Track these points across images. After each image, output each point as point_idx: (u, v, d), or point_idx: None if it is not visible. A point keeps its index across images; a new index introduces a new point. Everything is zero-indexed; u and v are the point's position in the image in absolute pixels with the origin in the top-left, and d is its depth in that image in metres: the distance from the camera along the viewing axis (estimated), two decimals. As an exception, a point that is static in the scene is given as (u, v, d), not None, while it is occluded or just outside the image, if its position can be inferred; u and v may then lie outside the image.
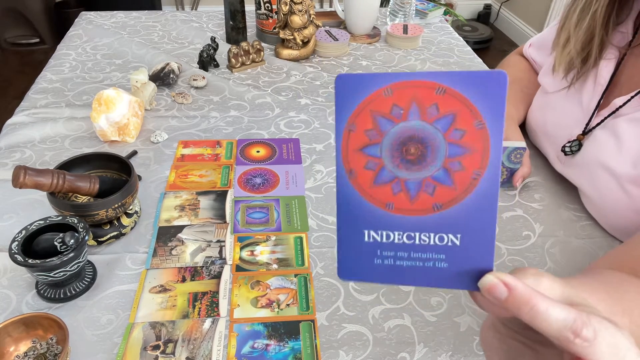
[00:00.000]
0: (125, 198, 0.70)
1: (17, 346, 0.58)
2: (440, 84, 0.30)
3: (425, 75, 0.31)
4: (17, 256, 0.60)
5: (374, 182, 0.33)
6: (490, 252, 0.32)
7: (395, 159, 0.32)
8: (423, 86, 0.31)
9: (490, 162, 0.31)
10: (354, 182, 0.33)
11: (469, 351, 0.60)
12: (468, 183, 0.31)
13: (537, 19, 3.21)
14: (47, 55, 1.33)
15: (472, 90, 0.30)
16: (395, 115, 0.31)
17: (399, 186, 0.32)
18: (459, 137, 0.31)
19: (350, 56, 1.29)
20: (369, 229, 0.33)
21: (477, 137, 0.31)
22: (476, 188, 0.31)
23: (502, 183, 0.84)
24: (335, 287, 0.68)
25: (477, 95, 0.30)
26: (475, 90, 0.30)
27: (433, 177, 0.32)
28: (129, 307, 0.64)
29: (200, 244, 0.73)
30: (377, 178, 0.33)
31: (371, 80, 0.32)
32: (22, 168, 0.65)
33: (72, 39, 1.32)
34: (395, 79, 0.31)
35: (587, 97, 0.80)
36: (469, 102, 0.30)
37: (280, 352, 0.60)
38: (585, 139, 0.79)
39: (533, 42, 1.03)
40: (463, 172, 0.31)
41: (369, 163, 0.33)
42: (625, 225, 0.72)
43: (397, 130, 0.32)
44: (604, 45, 0.78)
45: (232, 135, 0.97)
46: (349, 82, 0.32)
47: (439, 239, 0.32)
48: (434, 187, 0.32)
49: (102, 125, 0.90)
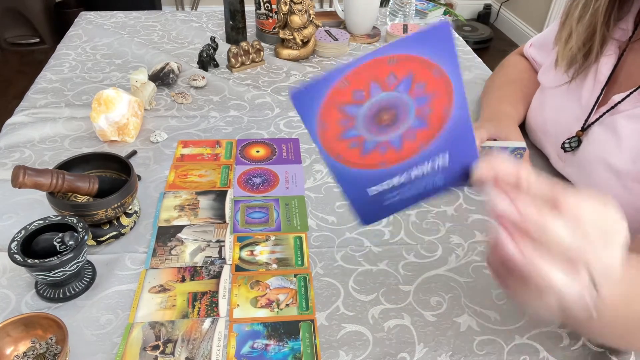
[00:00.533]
0: (125, 198, 0.70)
1: (17, 346, 0.58)
2: (389, 55, 0.33)
3: (374, 53, 0.33)
4: (17, 256, 0.60)
5: (361, 154, 0.37)
6: (474, 149, 0.37)
7: (373, 130, 0.36)
8: (375, 64, 0.33)
9: (455, 93, 0.35)
10: (345, 162, 0.36)
11: (469, 351, 0.60)
12: (441, 118, 0.36)
13: (537, 19, 3.21)
14: (47, 55, 1.33)
15: (421, 48, 0.33)
16: (359, 98, 0.34)
17: (385, 147, 0.36)
18: (423, 89, 0.35)
19: (350, 56, 1.29)
20: (371, 187, 0.38)
21: (439, 82, 0.34)
22: (450, 117, 0.36)
23: None
24: (335, 287, 0.68)
25: (427, 49, 0.33)
26: (423, 46, 0.33)
27: (411, 127, 0.36)
28: (129, 307, 0.64)
29: (200, 244, 0.73)
30: (363, 151, 0.37)
31: (323, 82, 0.34)
32: (21, 168, 0.65)
33: (72, 39, 1.32)
34: (347, 68, 0.33)
35: (587, 93, 0.80)
36: (422, 58, 0.33)
37: (280, 352, 0.60)
38: (584, 135, 0.79)
39: (534, 42, 1.03)
40: (434, 112, 0.36)
41: (352, 143, 0.36)
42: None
43: (366, 108, 0.35)
44: (605, 41, 0.78)
45: (231, 135, 0.97)
46: (303, 94, 0.34)
47: (431, 167, 0.38)
48: (415, 134, 0.36)
49: (101, 125, 0.90)
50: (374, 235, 0.76)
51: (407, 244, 0.75)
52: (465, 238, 0.76)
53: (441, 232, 0.77)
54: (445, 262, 0.72)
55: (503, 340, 0.62)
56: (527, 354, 0.60)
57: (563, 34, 0.81)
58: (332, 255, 0.72)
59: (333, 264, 0.71)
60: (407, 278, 0.69)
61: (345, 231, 0.77)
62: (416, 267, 0.71)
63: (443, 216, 0.80)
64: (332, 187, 0.85)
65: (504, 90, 0.97)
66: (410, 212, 0.80)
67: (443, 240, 0.76)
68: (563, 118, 0.83)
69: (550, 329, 0.63)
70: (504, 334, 0.63)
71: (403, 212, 0.80)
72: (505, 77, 1.02)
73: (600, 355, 0.60)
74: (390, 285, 0.68)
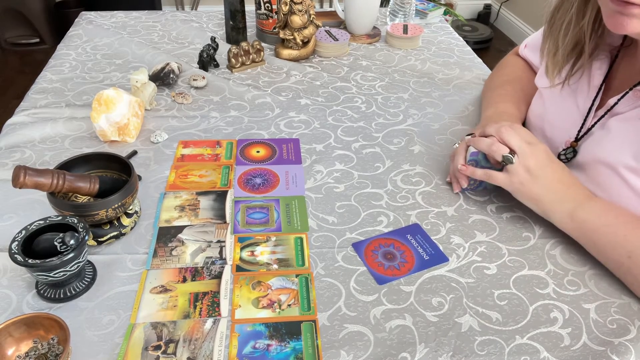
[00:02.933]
0: (125, 198, 0.70)
1: (19, 346, 0.58)
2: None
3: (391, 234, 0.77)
4: (17, 256, 0.60)
5: (384, 269, 0.71)
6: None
7: (385, 260, 0.72)
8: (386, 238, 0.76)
9: (414, 254, 0.73)
10: (376, 271, 0.71)
11: (470, 351, 0.60)
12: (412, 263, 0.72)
13: (537, 19, 3.21)
14: (47, 55, 1.33)
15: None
16: (378, 249, 0.74)
17: (392, 268, 0.71)
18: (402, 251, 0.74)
19: (350, 56, 1.29)
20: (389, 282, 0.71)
21: (407, 248, 0.74)
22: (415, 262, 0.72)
23: None
24: (337, 288, 0.68)
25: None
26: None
27: (400, 261, 0.72)
28: (130, 307, 0.64)
29: (201, 245, 0.73)
30: (384, 268, 0.72)
31: (367, 240, 0.75)
32: (22, 168, 0.65)
33: (72, 39, 1.32)
34: (375, 237, 0.76)
35: (582, 99, 0.80)
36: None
37: (282, 352, 0.60)
38: (580, 144, 0.79)
39: (528, 43, 1.03)
40: (407, 258, 0.73)
41: (378, 265, 0.72)
42: None
43: (381, 253, 0.74)
44: (596, 47, 0.78)
45: (232, 135, 0.97)
46: (358, 244, 0.74)
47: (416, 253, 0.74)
48: (402, 263, 0.72)
49: (102, 125, 0.90)
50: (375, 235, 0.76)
51: (408, 244, 0.75)
52: (465, 238, 0.76)
53: (442, 233, 0.77)
54: (446, 263, 0.72)
55: (504, 341, 0.62)
56: (528, 354, 0.60)
57: (549, 47, 0.80)
58: (333, 256, 0.73)
59: (334, 264, 0.71)
60: (408, 278, 0.69)
61: (346, 231, 0.77)
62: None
63: (443, 216, 0.80)
64: (332, 188, 0.85)
65: (505, 89, 0.97)
66: (410, 212, 0.80)
67: (443, 240, 0.76)
68: (561, 123, 0.83)
69: (551, 329, 0.63)
70: (505, 334, 0.63)
71: (404, 212, 0.80)
72: (505, 76, 1.02)
73: (600, 355, 0.60)
74: (392, 285, 0.68)
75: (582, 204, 0.71)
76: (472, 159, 0.80)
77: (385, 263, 0.71)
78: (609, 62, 0.79)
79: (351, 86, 1.16)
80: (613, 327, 0.64)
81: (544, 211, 0.74)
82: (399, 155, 0.93)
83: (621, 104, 0.74)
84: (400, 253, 0.72)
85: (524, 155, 0.73)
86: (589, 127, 0.78)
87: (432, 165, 0.91)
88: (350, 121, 1.03)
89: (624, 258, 0.66)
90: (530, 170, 0.72)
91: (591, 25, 0.74)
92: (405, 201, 0.83)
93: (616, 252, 0.67)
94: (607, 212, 0.70)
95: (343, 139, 0.97)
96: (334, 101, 1.09)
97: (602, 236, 0.69)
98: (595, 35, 0.76)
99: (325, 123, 1.02)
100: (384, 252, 0.73)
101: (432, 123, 1.03)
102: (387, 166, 0.90)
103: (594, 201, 0.71)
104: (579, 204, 0.71)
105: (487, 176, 0.76)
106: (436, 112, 1.07)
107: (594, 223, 0.69)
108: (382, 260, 0.71)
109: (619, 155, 0.72)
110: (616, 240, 0.67)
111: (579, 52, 0.78)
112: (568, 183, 0.73)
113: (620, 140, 0.73)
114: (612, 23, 0.65)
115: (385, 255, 0.72)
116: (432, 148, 0.95)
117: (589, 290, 0.69)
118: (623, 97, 0.73)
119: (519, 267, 0.72)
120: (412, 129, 1.01)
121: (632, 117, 0.72)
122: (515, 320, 0.64)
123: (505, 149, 0.74)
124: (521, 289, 0.68)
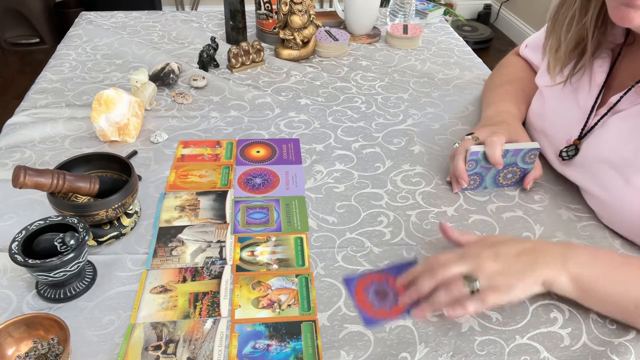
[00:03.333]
0: (125, 198, 0.70)
1: (19, 346, 0.58)
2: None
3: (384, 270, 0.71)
4: (17, 256, 0.60)
5: (374, 309, 0.66)
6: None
7: (376, 300, 0.67)
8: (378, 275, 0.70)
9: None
10: (366, 313, 0.66)
11: (470, 351, 0.60)
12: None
13: (537, 19, 3.21)
14: (47, 55, 1.33)
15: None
16: (371, 286, 0.69)
17: (383, 308, 0.66)
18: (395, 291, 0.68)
19: (350, 56, 1.29)
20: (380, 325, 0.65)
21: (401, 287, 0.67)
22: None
23: (514, 182, 0.85)
24: (337, 288, 0.68)
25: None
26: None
27: (391, 302, 0.66)
28: (130, 307, 0.64)
29: (201, 245, 0.73)
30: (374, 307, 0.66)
31: (360, 275, 0.70)
32: (22, 168, 0.65)
33: (72, 39, 1.32)
34: (366, 273, 0.71)
35: (584, 97, 0.80)
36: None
37: (282, 352, 0.60)
38: (582, 142, 0.79)
39: (529, 43, 1.03)
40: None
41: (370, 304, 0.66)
42: (631, 220, 0.72)
43: (373, 289, 0.68)
44: (600, 44, 0.78)
45: (232, 135, 0.97)
46: (348, 279, 0.70)
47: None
48: (393, 306, 0.66)
49: (102, 125, 0.90)
50: (375, 235, 0.76)
51: (408, 245, 0.75)
52: (466, 238, 0.76)
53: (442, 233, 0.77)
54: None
55: (504, 341, 0.62)
56: (528, 354, 0.60)
57: (552, 43, 0.80)
58: (333, 256, 0.73)
59: (334, 264, 0.71)
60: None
61: (346, 231, 0.77)
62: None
63: (443, 217, 0.80)
64: (332, 188, 0.85)
65: (505, 89, 0.97)
66: (410, 212, 0.80)
67: (444, 240, 0.75)
68: (562, 122, 0.83)
69: (551, 329, 0.63)
70: (505, 334, 0.63)
71: (404, 212, 0.80)
72: (505, 76, 1.02)
73: (600, 355, 0.60)
74: (391, 285, 0.68)
75: (564, 254, 0.63)
76: (472, 158, 0.80)
77: (377, 302, 0.66)
78: (611, 61, 0.79)
79: (351, 86, 1.15)
80: (613, 327, 0.64)
81: (542, 283, 0.62)
82: (399, 155, 0.93)
83: (623, 102, 0.74)
84: (394, 292, 0.67)
85: (480, 267, 0.62)
86: (591, 126, 0.78)
87: (432, 165, 0.91)
88: (350, 121, 1.03)
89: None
90: (495, 273, 0.61)
91: (594, 22, 0.74)
92: (405, 201, 0.83)
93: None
94: (596, 259, 0.63)
95: (343, 139, 0.97)
96: (334, 101, 1.09)
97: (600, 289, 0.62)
98: (598, 32, 0.76)
99: (325, 123, 1.02)
100: (376, 289, 0.67)
101: (432, 123, 1.03)
102: (387, 166, 0.90)
103: (574, 247, 0.65)
104: (562, 255, 0.63)
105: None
106: (436, 112, 1.07)
107: (589, 276, 0.62)
108: (374, 299, 0.66)
109: (621, 153, 0.72)
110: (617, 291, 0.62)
111: (582, 51, 0.78)
112: (533, 248, 0.64)
113: (622, 138, 0.73)
114: (617, 15, 0.65)
115: (378, 293, 0.67)
116: (432, 148, 0.95)
117: (589, 290, 0.69)
118: (625, 94, 0.73)
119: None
120: (412, 129, 1.01)
121: (633, 114, 0.72)
122: (515, 320, 0.64)
123: (463, 269, 0.62)
124: (521, 289, 0.68)
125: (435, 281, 0.62)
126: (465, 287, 0.60)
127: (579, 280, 0.61)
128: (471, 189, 0.85)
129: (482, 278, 0.60)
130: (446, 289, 0.61)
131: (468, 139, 0.82)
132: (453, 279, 0.61)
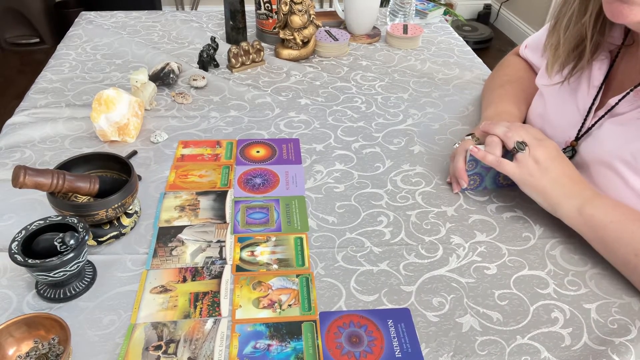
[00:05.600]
0: (125, 198, 0.70)
1: (19, 346, 0.58)
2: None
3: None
4: (17, 256, 0.60)
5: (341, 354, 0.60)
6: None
7: (348, 344, 0.61)
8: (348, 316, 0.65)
9: (385, 346, 0.61)
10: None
11: (470, 351, 0.60)
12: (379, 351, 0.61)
13: (537, 19, 3.21)
14: (47, 55, 1.33)
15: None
16: (343, 327, 0.63)
17: (351, 355, 0.60)
18: (372, 338, 0.62)
19: (350, 56, 1.29)
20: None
21: (380, 336, 0.62)
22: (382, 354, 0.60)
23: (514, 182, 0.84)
24: (337, 288, 0.68)
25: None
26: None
27: (364, 350, 0.60)
28: (130, 307, 0.64)
29: (201, 245, 0.73)
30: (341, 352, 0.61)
31: (333, 314, 0.65)
32: (22, 168, 0.65)
33: (72, 39, 1.32)
34: (340, 314, 0.65)
35: (582, 99, 0.80)
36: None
37: (282, 352, 0.60)
38: (579, 143, 0.79)
39: (529, 44, 1.03)
40: (376, 348, 0.61)
41: (342, 351, 0.60)
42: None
43: (345, 335, 0.62)
44: (599, 45, 0.78)
45: (232, 135, 0.97)
46: (324, 316, 0.64)
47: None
48: (359, 356, 0.60)
49: (102, 125, 0.90)
50: (375, 235, 0.76)
51: (408, 245, 0.75)
52: (465, 238, 0.76)
53: (442, 233, 0.77)
54: (447, 263, 0.72)
55: (505, 341, 0.62)
56: (529, 354, 0.60)
57: (552, 41, 0.81)
58: (333, 256, 0.72)
59: (334, 264, 0.71)
60: (408, 278, 0.69)
61: (346, 231, 0.77)
62: (417, 267, 0.71)
63: (443, 216, 0.80)
64: (332, 188, 0.85)
65: (505, 89, 0.97)
66: (410, 213, 0.80)
67: (443, 240, 0.76)
68: (561, 123, 0.83)
69: (552, 329, 0.63)
70: (506, 334, 0.63)
71: (404, 212, 0.80)
72: (505, 76, 1.02)
73: (601, 355, 0.60)
74: (392, 285, 0.68)
75: (590, 199, 0.70)
76: (472, 158, 0.80)
77: (346, 347, 0.60)
78: (609, 62, 0.79)
79: (351, 86, 1.15)
80: (614, 327, 0.64)
81: (551, 204, 0.73)
82: (399, 155, 0.93)
83: (622, 105, 0.74)
84: (370, 340, 0.61)
85: (534, 147, 0.73)
86: (588, 127, 0.78)
87: (432, 165, 0.91)
88: (350, 121, 1.03)
89: (631, 256, 0.66)
90: (539, 162, 0.73)
91: (593, 22, 0.74)
92: (405, 201, 0.83)
93: (623, 250, 0.67)
94: (614, 209, 0.69)
95: (343, 139, 0.97)
96: (334, 101, 1.09)
97: (609, 232, 0.68)
98: (596, 33, 0.76)
99: (325, 123, 1.02)
100: (351, 332, 0.62)
101: (432, 123, 1.03)
102: (387, 166, 0.90)
103: (601, 198, 0.71)
104: (587, 200, 0.71)
105: (497, 162, 0.76)
106: (436, 112, 1.07)
107: (602, 219, 0.69)
108: (344, 343, 0.61)
109: (619, 155, 0.72)
110: (623, 237, 0.67)
111: (581, 51, 0.78)
112: (576, 179, 0.73)
113: (619, 140, 0.73)
114: (611, 11, 0.64)
115: (351, 337, 0.61)
116: (432, 148, 0.95)
117: (589, 290, 0.69)
118: (624, 97, 0.73)
119: (519, 267, 0.72)
120: (412, 129, 1.01)
121: (632, 117, 0.72)
122: (516, 320, 0.64)
123: (519, 136, 0.75)
124: (522, 289, 0.68)
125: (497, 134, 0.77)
126: (517, 142, 0.74)
127: (589, 220, 0.69)
128: (471, 189, 0.85)
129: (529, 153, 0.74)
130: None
131: (468, 139, 0.82)
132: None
